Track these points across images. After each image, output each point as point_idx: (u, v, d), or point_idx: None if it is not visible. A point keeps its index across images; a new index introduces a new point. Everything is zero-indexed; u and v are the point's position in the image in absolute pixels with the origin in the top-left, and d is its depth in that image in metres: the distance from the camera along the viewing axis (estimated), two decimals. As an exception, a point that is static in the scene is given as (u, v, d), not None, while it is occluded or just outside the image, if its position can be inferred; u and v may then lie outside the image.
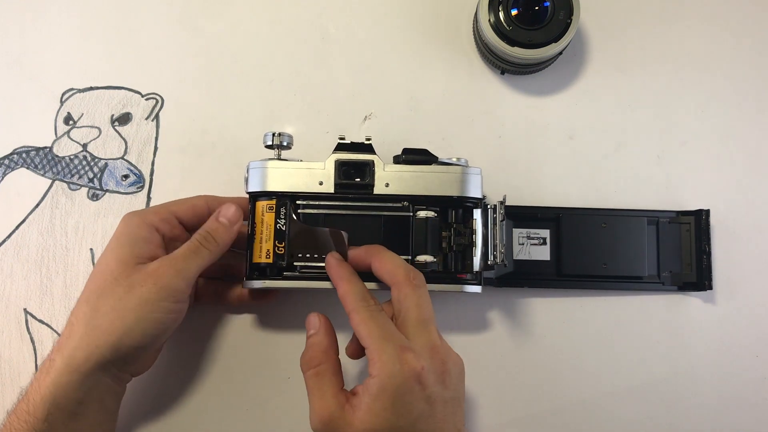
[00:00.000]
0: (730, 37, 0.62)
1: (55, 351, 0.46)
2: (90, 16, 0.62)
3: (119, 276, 0.46)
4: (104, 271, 0.47)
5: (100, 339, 0.45)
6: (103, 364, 0.45)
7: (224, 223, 0.49)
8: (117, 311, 0.45)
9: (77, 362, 0.44)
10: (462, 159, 0.52)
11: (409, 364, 0.41)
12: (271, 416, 0.56)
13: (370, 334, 0.43)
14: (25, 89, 0.61)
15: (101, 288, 0.46)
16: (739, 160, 0.60)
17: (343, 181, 0.50)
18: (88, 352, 0.44)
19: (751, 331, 0.58)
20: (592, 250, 0.57)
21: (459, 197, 0.51)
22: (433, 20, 0.62)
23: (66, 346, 0.45)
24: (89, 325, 0.45)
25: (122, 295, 0.45)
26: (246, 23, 0.62)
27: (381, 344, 0.42)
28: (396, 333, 0.43)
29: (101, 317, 0.45)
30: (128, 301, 0.45)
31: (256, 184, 0.51)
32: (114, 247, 0.48)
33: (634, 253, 0.57)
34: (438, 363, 0.43)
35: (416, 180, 0.51)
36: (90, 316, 0.45)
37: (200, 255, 0.48)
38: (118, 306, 0.45)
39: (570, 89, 0.61)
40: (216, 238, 0.49)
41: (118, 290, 0.46)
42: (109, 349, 0.45)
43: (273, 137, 0.52)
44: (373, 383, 0.41)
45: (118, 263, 0.47)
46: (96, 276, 0.47)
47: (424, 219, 0.50)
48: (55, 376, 0.44)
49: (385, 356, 0.41)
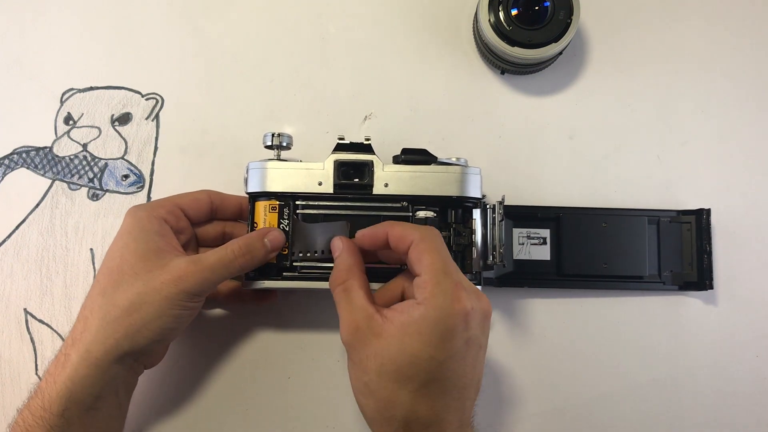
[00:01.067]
0: (730, 37, 0.62)
1: (68, 346, 0.46)
2: (90, 16, 0.63)
3: (139, 270, 0.46)
4: (122, 265, 0.46)
5: (119, 332, 0.44)
6: (121, 356, 0.45)
7: (267, 246, 0.49)
8: (136, 305, 0.45)
9: (95, 356, 0.44)
10: (461, 159, 0.52)
11: (462, 303, 0.41)
12: (272, 416, 0.56)
13: (433, 263, 0.42)
14: (25, 89, 0.61)
15: (118, 281, 0.46)
16: (739, 160, 0.60)
17: (343, 181, 0.50)
18: (106, 345, 0.44)
19: (751, 331, 0.58)
20: (593, 250, 0.57)
21: (458, 197, 0.51)
22: (433, 20, 0.62)
23: (81, 340, 0.45)
24: (106, 318, 0.45)
25: (141, 289, 0.45)
26: (246, 23, 0.62)
27: (440, 276, 0.42)
28: (456, 270, 0.43)
29: (119, 310, 0.45)
30: (148, 296, 0.45)
31: (255, 184, 0.51)
32: (128, 241, 0.47)
33: (635, 252, 0.57)
34: (484, 306, 0.43)
35: (415, 180, 0.51)
36: (106, 309, 0.45)
37: (232, 267, 0.47)
38: (137, 300, 0.45)
39: (570, 89, 0.61)
40: (254, 256, 0.48)
41: (137, 284, 0.45)
42: (127, 341, 0.45)
43: (272, 138, 0.52)
44: (417, 308, 0.41)
45: (137, 257, 0.46)
46: (112, 269, 0.47)
47: (423, 219, 0.50)
48: (71, 371, 0.44)
49: (439, 289, 0.41)
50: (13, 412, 0.46)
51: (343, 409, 0.56)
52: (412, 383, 0.41)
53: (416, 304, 0.42)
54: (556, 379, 0.57)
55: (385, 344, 0.41)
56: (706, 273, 0.57)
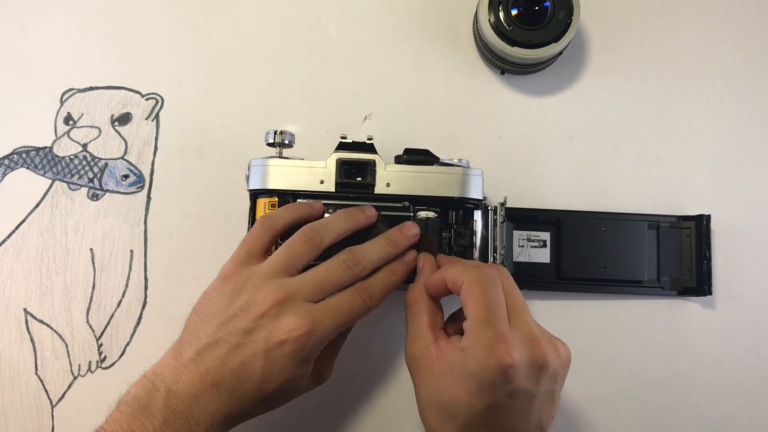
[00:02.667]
0: (730, 38, 0.62)
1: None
2: (90, 16, 0.62)
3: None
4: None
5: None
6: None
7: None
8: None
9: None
10: (463, 160, 0.52)
11: (498, 358, 0.39)
12: (273, 416, 0.56)
13: (476, 312, 0.41)
14: (25, 89, 0.61)
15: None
16: (739, 162, 0.60)
17: (344, 180, 0.50)
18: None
19: (750, 336, 0.58)
20: (593, 254, 0.57)
21: (460, 198, 0.51)
22: (433, 20, 0.62)
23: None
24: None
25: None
26: (246, 23, 0.62)
27: (480, 327, 0.40)
28: (501, 319, 0.41)
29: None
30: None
31: (257, 181, 0.51)
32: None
33: (634, 257, 0.57)
34: (538, 356, 0.40)
35: (417, 180, 0.51)
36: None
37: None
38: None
39: (570, 89, 0.61)
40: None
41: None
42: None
43: (275, 135, 0.52)
44: (460, 354, 0.40)
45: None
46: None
47: (424, 219, 0.50)
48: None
49: (478, 341, 0.40)
50: (13, 412, 0.46)
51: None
52: (455, 422, 0.40)
53: (460, 349, 0.41)
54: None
55: (432, 379, 0.41)
56: (706, 278, 0.57)
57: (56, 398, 0.57)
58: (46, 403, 0.56)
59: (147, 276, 0.58)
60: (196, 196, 0.59)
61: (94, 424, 0.42)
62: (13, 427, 0.56)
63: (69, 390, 0.57)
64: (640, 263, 0.57)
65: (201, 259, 0.58)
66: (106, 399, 0.43)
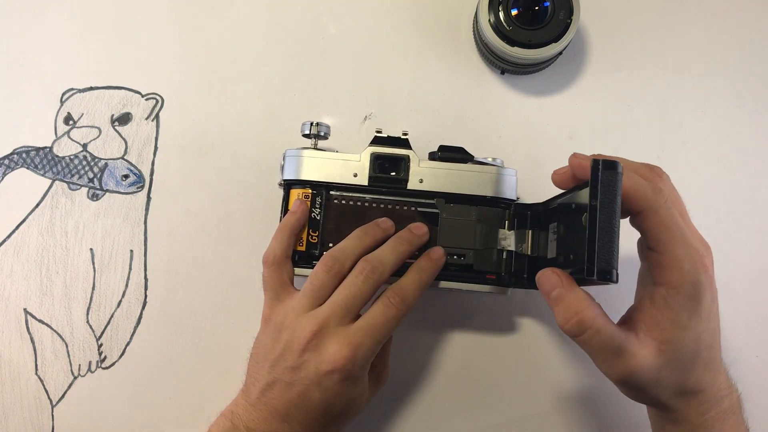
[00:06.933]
0: (730, 37, 0.62)
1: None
2: (90, 16, 0.62)
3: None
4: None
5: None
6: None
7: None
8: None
9: None
10: (497, 159, 0.52)
11: (708, 272, 0.39)
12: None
13: (672, 237, 0.38)
14: (25, 89, 0.61)
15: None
16: (739, 161, 0.60)
17: (378, 174, 0.51)
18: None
19: (750, 336, 0.58)
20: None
21: (492, 197, 0.50)
22: (433, 20, 0.62)
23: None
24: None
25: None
26: (246, 23, 0.62)
27: (683, 249, 0.38)
28: (694, 234, 0.41)
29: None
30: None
31: (291, 172, 0.51)
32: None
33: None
34: (712, 257, 0.41)
35: (451, 178, 0.50)
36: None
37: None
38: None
39: (570, 89, 0.61)
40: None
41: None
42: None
43: (311, 126, 0.52)
44: (673, 293, 0.39)
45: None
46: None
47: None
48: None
49: (687, 265, 0.38)
50: (13, 412, 0.46)
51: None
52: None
53: (670, 289, 0.39)
54: (555, 381, 0.57)
55: (672, 346, 0.40)
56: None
57: (56, 398, 0.57)
58: (46, 403, 0.56)
59: (147, 276, 0.58)
60: (196, 196, 0.59)
61: (94, 424, 0.42)
62: (13, 427, 0.56)
63: (69, 390, 0.57)
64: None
65: (201, 259, 0.58)
66: (106, 399, 0.43)
